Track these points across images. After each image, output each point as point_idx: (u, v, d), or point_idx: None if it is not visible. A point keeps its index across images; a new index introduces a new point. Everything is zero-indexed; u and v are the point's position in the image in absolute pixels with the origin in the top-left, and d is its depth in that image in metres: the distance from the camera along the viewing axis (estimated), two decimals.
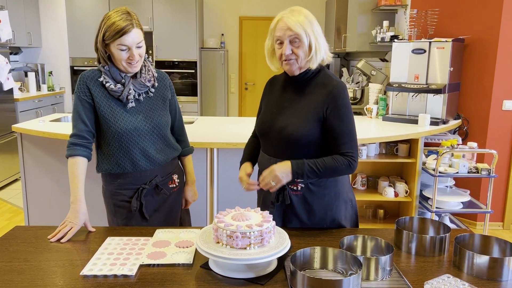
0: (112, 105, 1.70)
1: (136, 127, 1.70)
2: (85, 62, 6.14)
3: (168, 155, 1.82)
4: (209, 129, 3.21)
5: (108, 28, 1.61)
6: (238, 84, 7.03)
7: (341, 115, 1.56)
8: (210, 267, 1.32)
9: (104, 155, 1.75)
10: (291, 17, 1.53)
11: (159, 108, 1.79)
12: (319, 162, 1.55)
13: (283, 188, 1.62)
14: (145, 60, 1.78)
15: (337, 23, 5.64)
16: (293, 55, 1.55)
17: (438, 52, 3.50)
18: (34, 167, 3.11)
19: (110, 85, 1.67)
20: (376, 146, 3.41)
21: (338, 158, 1.55)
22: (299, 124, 1.57)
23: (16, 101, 5.06)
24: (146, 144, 1.73)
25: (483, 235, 1.42)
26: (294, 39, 1.53)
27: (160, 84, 1.83)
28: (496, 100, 3.65)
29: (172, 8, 6.08)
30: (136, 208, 1.75)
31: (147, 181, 1.77)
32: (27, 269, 1.31)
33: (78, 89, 1.70)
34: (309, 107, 1.59)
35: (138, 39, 1.64)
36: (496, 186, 3.77)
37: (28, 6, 5.83)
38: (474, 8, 3.70)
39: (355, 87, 4.90)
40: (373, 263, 1.25)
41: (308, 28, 1.54)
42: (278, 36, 1.56)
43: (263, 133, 1.68)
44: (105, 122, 1.69)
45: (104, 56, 1.69)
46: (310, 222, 1.66)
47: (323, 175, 1.56)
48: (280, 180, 1.53)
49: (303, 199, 1.64)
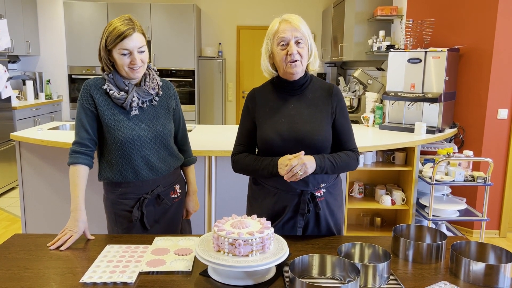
0: (116, 113, 1.70)
1: (138, 135, 1.70)
2: (83, 71, 6.15)
3: (170, 164, 1.82)
4: (207, 137, 3.23)
5: (109, 33, 1.63)
6: (236, 93, 7.06)
7: (346, 114, 1.67)
8: (209, 275, 1.33)
9: (107, 163, 1.74)
10: (294, 19, 1.58)
11: (162, 117, 1.78)
12: (336, 157, 1.60)
13: (312, 196, 1.63)
14: (150, 69, 1.78)
15: (334, 32, 5.70)
16: (298, 55, 1.57)
17: (433, 61, 3.54)
18: (32, 175, 3.11)
19: (114, 93, 1.68)
20: (373, 154, 3.43)
21: (349, 153, 1.65)
22: (320, 128, 1.60)
23: (14, 109, 5.06)
24: (148, 153, 1.73)
25: (480, 242, 1.43)
26: (299, 39, 1.56)
27: (164, 93, 1.83)
28: (491, 109, 3.69)
29: (170, 17, 6.12)
30: (137, 218, 1.74)
31: (148, 191, 1.76)
32: (26, 277, 1.32)
33: (81, 97, 1.70)
34: (319, 110, 1.63)
35: (139, 43, 1.65)
36: (492, 194, 3.80)
37: (27, 15, 5.86)
38: (469, 18, 3.76)
39: (352, 95, 4.93)
40: (370, 270, 1.26)
41: (306, 29, 1.60)
42: (282, 37, 1.56)
43: (276, 146, 1.61)
44: (108, 130, 1.69)
45: (108, 64, 1.69)
46: (335, 226, 1.72)
47: (338, 170, 1.62)
48: (307, 170, 1.51)
49: (326, 203, 1.68)
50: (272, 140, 1.61)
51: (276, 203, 1.67)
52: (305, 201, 1.61)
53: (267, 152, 1.64)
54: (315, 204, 1.64)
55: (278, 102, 1.67)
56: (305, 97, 1.65)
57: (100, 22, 6.03)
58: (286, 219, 1.66)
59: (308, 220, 1.66)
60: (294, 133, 1.60)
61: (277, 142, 1.60)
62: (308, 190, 1.62)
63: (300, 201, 1.62)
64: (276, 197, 1.65)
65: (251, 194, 1.78)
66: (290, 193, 1.63)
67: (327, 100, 1.65)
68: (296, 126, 1.61)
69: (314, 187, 1.63)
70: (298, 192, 1.62)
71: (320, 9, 6.72)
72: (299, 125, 1.61)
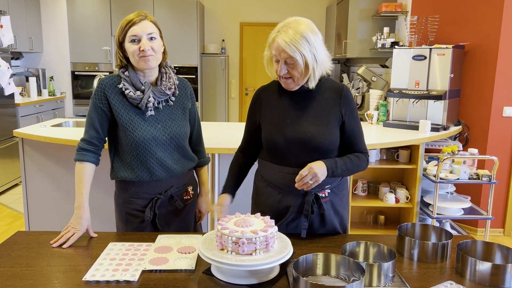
0: (131, 113, 1.66)
1: (154, 136, 1.67)
2: (86, 67, 6.15)
3: (185, 166, 1.78)
4: (210, 135, 3.22)
5: (120, 26, 1.63)
6: (239, 90, 7.05)
7: (355, 116, 1.62)
8: (212, 273, 1.32)
9: (120, 162, 1.71)
10: (284, 37, 1.45)
11: (178, 118, 1.75)
12: (347, 161, 1.58)
13: (316, 197, 1.60)
14: (167, 67, 1.76)
15: (338, 29, 5.67)
16: (288, 74, 1.52)
17: (438, 58, 3.51)
18: (35, 172, 3.11)
19: (130, 93, 1.64)
20: (377, 152, 3.41)
21: (360, 156, 1.62)
22: (325, 131, 1.56)
23: (17, 106, 5.06)
24: (163, 154, 1.70)
25: (486, 241, 1.42)
26: (289, 60, 1.48)
27: (181, 92, 1.79)
28: (496, 107, 3.66)
29: (173, 14, 6.10)
30: (149, 218, 1.71)
31: (162, 191, 1.73)
32: (29, 274, 1.31)
33: (95, 95, 1.67)
34: (326, 112, 1.58)
35: (149, 29, 1.62)
36: (497, 192, 3.77)
37: (30, 12, 5.85)
38: (475, 15, 3.72)
39: (356, 93, 4.91)
40: (375, 270, 1.25)
41: (303, 47, 1.45)
42: (273, 54, 1.52)
43: (280, 147, 1.58)
44: (123, 130, 1.66)
45: (122, 59, 1.67)
46: (340, 227, 1.70)
47: (349, 172, 1.60)
48: (319, 179, 1.48)
49: (331, 204, 1.65)
50: (276, 141, 1.58)
51: (280, 203, 1.64)
52: (309, 202, 1.59)
53: (271, 153, 1.63)
54: (319, 205, 1.61)
55: (284, 102, 1.63)
56: (313, 99, 1.60)
57: (103, 19, 6.02)
58: (290, 220, 1.63)
59: (312, 221, 1.64)
60: (299, 134, 1.55)
61: (280, 143, 1.57)
62: (312, 191, 1.59)
63: (303, 202, 1.60)
64: (280, 197, 1.63)
65: (255, 192, 1.76)
66: (294, 194, 1.60)
67: (335, 102, 1.58)
68: (301, 127, 1.56)
69: (319, 188, 1.60)
70: (302, 193, 1.60)
71: (323, 6, 6.67)
72: (304, 127, 1.56)
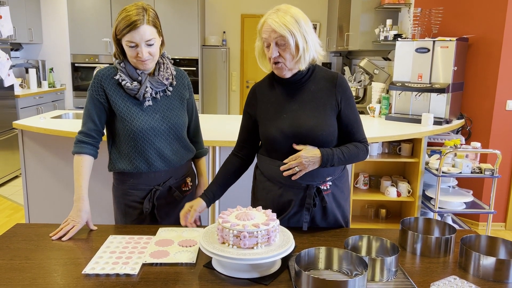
0: (128, 104, 1.65)
1: (152, 126, 1.66)
2: (86, 59, 6.11)
3: (183, 156, 1.78)
4: (210, 127, 3.20)
5: (119, 22, 1.58)
6: (240, 82, 7.01)
7: (352, 104, 1.60)
8: (213, 267, 1.30)
9: (118, 153, 1.71)
10: (275, 18, 1.46)
11: (176, 108, 1.74)
12: (344, 150, 1.55)
13: (318, 190, 1.59)
14: (164, 58, 1.73)
15: (340, 21, 5.62)
16: (280, 57, 1.50)
17: (441, 51, 3.47)
18: (35, 163, 3.10)
19: (126, 83, 1.63)
20: (379, 145, 3.39)
21: (358, 145, 1.59)
22: (323, 122, 1.54)
23: (17, 98, 5.04)
24: (162, 144, 1.69)
25: (489, 236, 1.41)
26: (280, 41, 1.47)
27: (178, 82, 1.78)
28: (499, 100, 3.64)
29: (174, 5, 6.05)
30: (148, 209, 1.71)
31: (160, 182, 1.73)
32: (28, 267, 1.30)
33: (91, 87, 1.66)
34: (322, 103, 1.56)
35: (148, 36, 1.58)
36: (499, 186, 3.75)
37: (29, 2, 5.80)
38: (479, 7, 3.68)
39: (358, 86, 4.88)
40: (378, 264, 1.24)
41: (294, 28, 1.46)
42: (264, 38, 1.50)
43: (278, 142, 1.56)
44: (121, 121, 1.65)
45: (118, 51, 1.65)
46: (342, 219, 1.69)
47: (346, 162, 1.57)
48: (306, 167, 1.49)
49: (333, 196, 1.64)
50: (274, 138, 1.56)
51: (281, 197, 1.62)
52: (310, 195, 1.57)
53: (270, 150, 1.61)
54: (321, 198, 1.60)
55: (279, 97, 1.61)
56: (307, 90, 1.58)
57: (103, 10, 5.96)
58: (292, 214, 1.62)
59: (314, 214, 1.63)
60: (297, 129, 1.54)
61: (279, 139, 1.55)
62: (314, 184, 1.58)
63: (305, 195, 1.59)
64: (281, 191, 1.61)
65: (255, 187, 1.74)
66: (295, 187, 1.59)
67: (331, 92, 1.56)
68: (299, 122, 1.54)
69: (320, 181, 1.59)
70: (303, 186, 1.58)
71: None
72: (302, 120, 1.54)
